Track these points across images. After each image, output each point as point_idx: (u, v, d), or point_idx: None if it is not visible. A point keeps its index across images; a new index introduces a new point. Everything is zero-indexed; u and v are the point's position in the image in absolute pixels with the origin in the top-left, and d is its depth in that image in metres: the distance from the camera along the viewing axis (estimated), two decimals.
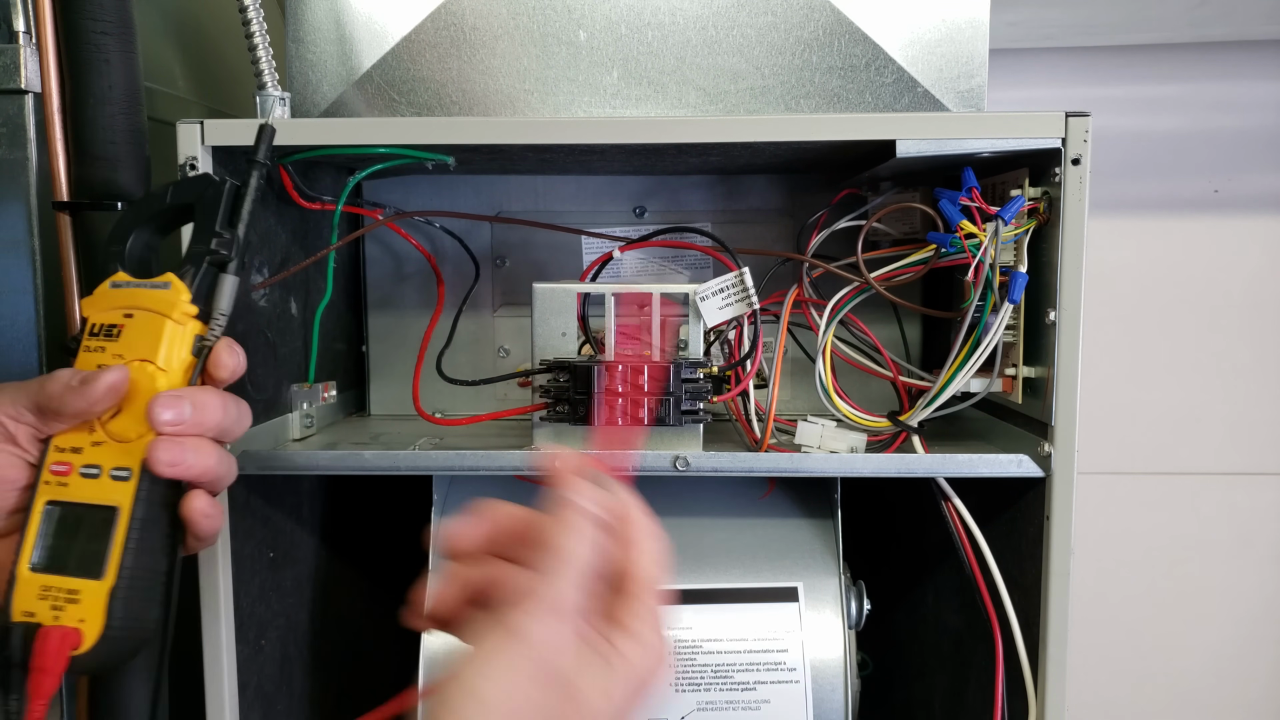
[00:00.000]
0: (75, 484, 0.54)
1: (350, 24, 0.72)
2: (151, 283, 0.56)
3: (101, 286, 0.56)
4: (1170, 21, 1.06)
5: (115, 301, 0.56)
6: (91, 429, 0.54)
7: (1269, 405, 1.20)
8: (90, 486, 0.54)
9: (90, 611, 0.51)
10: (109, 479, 0.53)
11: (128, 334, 0.55)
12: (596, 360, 0.67)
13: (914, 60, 0.71)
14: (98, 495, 0.53)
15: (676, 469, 0.67)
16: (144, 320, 0.55)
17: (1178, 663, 1.24)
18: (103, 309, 0.56)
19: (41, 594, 0.52)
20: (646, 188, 0.88)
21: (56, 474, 0.54)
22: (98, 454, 0.54)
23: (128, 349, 0.55)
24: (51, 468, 0.54)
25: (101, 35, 0.64)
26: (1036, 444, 0.66)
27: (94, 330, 0.55)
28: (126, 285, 0.56)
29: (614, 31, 0.70)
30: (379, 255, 0.89)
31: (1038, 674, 0.67)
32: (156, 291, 0.55)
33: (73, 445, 0.54)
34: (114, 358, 0.54)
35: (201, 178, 0.58)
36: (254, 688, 0.70)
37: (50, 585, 0.52)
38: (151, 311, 0.55)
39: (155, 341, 0.55)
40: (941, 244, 0.65)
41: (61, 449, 0.54)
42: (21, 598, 0.52)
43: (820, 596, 0.74)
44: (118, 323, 0.55)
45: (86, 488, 0.54)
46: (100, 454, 0.54)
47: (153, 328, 0.55)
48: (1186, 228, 1.18)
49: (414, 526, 0.79)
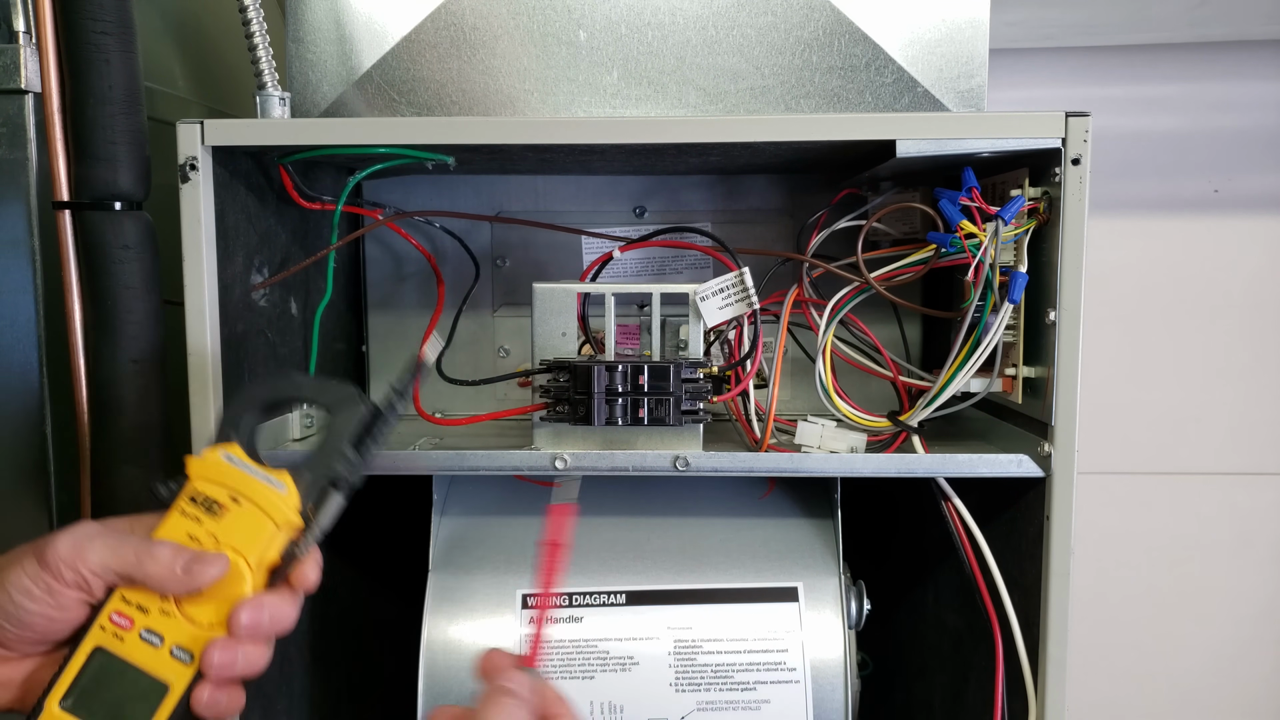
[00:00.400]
0: (131, 643, 0.53)
1: (350, 24, 0.72)
2: (266, 475, 0.54)
3: (214, 453, 0.55)
4: (1170, 21, 1.06)
5: (225, 478, 0.54)
6: (164, 596, 0.53)
7: (1269, 405, 1.20)
8: (146, 653, 0.53)
9: None
10: (169, 655, 0.53)
11: (230, 520, 0.54)
12: (596, 360, 0.67)
13: (914, 60, 0.71)
14: (152, 665, 0.53)
15: (676, 469, 0.67)
16: (250, 514, 0.54)
17: (1178, 663, 1.24)
18: (210, 480, 0.54)
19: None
20: (646, 188, 0.88)
21: (116, 624, 0.53)
22: (164, 624, 0.53)
23: (225, 534, 0.54)
24: (112, 616, 0.53)
25: (101, 35, 0.64)
26: (1036, 444, 0.66)
27: (195, 498, 0.54)
28: (240, 465, 0.55)
29: (614, 31, 0.70)
30: (379, 255, 0.89)
31: (1038, 674, 0.67)
32: (270, 489, 0.54)
33: (140, 603, 0.53)
34: (209, 536, 0.53)
35: (347, 390, 0.57)
36: (254, 687, 0.70)
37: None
38: (259, 509, 0.54)
39: (255, 541, 0.54)
40: (941, 244, 0.65)
41: (128, 602, 0.53)
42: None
43: (820, 596, 0.74)
44: (223, 502, 0.54)
45: (142, 652, 0.53)
46: (167, 626, 0.53)
47: (256, 526, 0.54)
48: (1186, 228, 1.18)
49: (414, 526, 0.79)
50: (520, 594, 0.73)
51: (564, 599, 0.73)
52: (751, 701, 0.71)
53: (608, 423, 0.67)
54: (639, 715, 0.71)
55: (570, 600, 0.73)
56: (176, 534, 0.54)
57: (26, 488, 0.68)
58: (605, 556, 0.75)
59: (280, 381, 0.60)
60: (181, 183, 0.63)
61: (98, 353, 0.66)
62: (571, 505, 0.55)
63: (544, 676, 0.55)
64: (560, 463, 0.67)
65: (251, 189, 0.70)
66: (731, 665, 0.72)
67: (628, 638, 0.72)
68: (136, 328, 0.66)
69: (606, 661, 0.72)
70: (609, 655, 0.72)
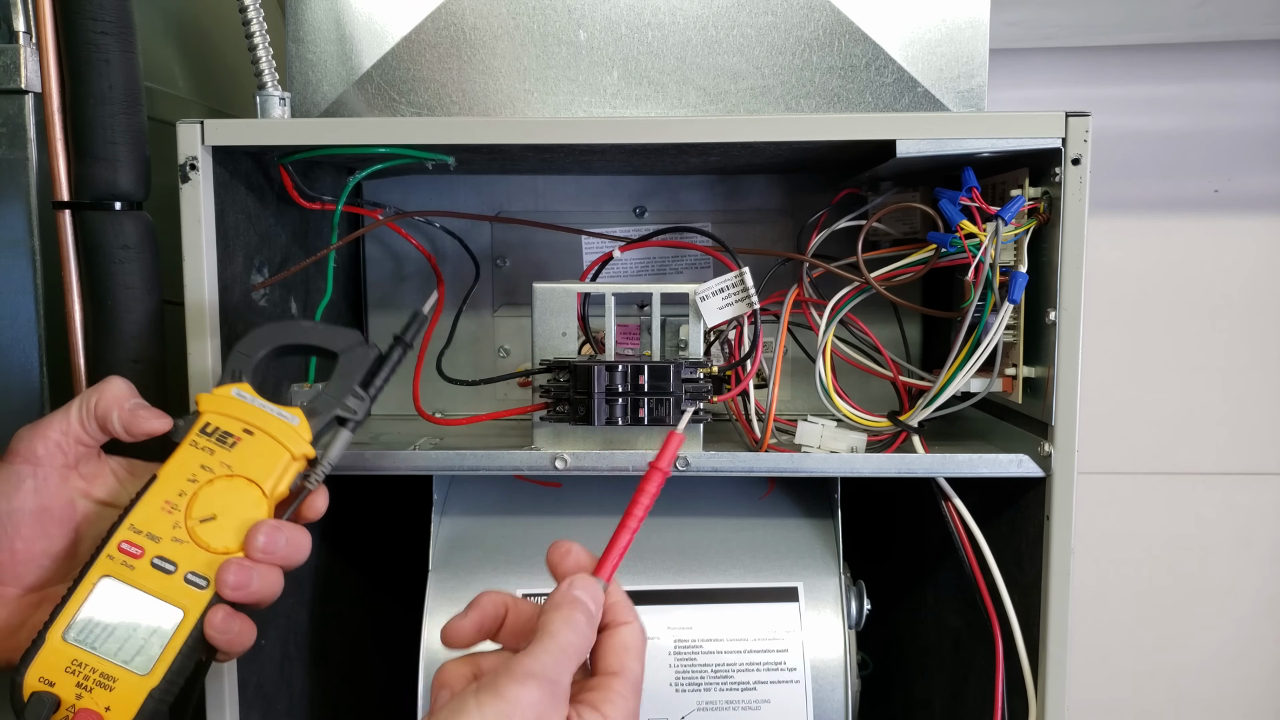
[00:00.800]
0: (143, 571, 0.53)
1: (350, 24, 0.72)
2: (279, 410, 0.56)
3: (224, 389, 0.56)
4: (1170, 21, 1.06)
5: (237, 412, 0.56)
6: (176, 524, 0.54)
7: (1269, 405, 1.20)
8: (159, 580, 0.53)
9: (123, 703, 0.51)
10: (183, 581, 0.53)
11: (243, 450, 0.55)
12: (596, 360, 0.67)
13: (914, 60, 0.71)
14: (165, 593, 0.53)
15: (676, 469, 0.67)
16: (263, 443, 0.56)
17: (1178, 663, 1.24)
18: (222, 413, 0.56)
19: (70, 668, 0.51)
20: (646, 188, 0.88)
21: (125, 553, 0.53)
22: (177, 551, 0.53)
23: (238, 464, 0.55)
24: (120, 545, 0.53)
25: (101, 35, 0.64)
26: (1036, 444, 0.66)
27: (207, 429, 0.55)
28: (251, 400, 0.56)
29: (614, 31, 0.70)
30: (379, 255, 0.89)
31: (1038, 674, 0.67)
32: (282, 422, 0.56)
33: (151, 531, 0.53)
34: (221, 465, 0.55)
35: (354, 335, 0.59)
36: (254, 687, 0.70)
37: (83, 663, 0.51)
38: (273, 439, 0.56)
39: (269, 469, 0.55)
40: (941, 244, 0.65)
41: (138, 530, 0.53)
42: (45, 664, 0.51)
43: (820, 596, 0.74)
44: (235, 434, 0.55)
45: (154, 580, 0.53)
46: (180, 552, 0.53)
47: (270, 455, 0.55)
48: (1186, 228, 1.18)
49: (414, 526, 0.79)
50: (520, 594, 0.73)
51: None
52: (751, 701, 0.71)
53: (608, 423, 0.67)
54: (639, 715, 0.71)
55: None
56: (188, 466, 0.55)
57: None
58: None
59: (288, 326, 0.61)
60: (181, 183, 0.63)
61: (98, 353, 0.66)
62: (680, 436, 0.55)
63: (617, 586, 0.53)
64: (560, 463, 0.67)
65: (251, 189, 0.70)
66: (731, 665, 0.72)
67: None
68: (136, 328, 0.66)
69: None
70: None
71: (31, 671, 0.51)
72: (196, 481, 0.55)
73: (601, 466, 0.67)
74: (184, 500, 0.54)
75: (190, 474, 0.55)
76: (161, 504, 0.54)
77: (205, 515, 0.54)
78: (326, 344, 0.59)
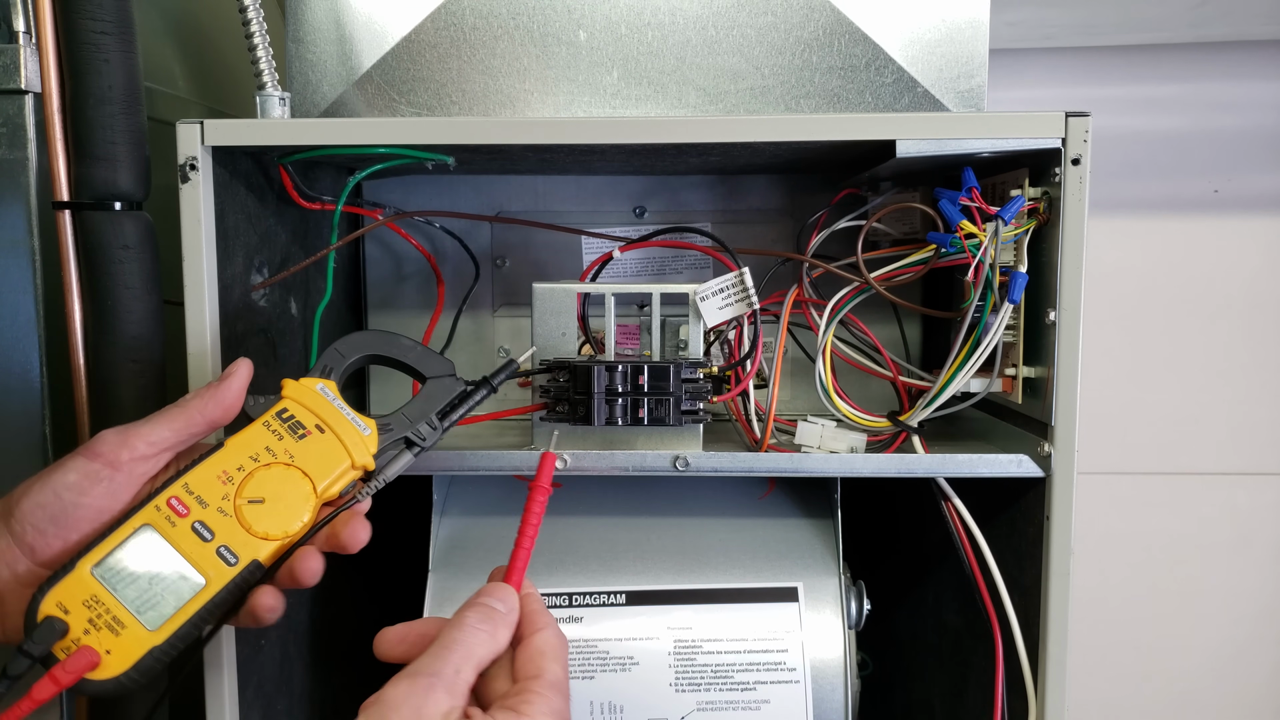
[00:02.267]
0: (182, 531, 0.54)
1: (350, 24, 0.72)
2: (354, 415, 0.58)
3: (311, 382, 0.58)
4: (1170, 21, 1.06)
5: (316, 406, 0.57)
6: (226, 496, 0.54)
7: (1269, 405, 1.20)
8: (194, 545, 0.54)
9: (123, 651, 0.51)
10: (215, 553, 0.54)
11: (310, 444, 0.56)
12: (596, 360, 0.67)
13: (914, 60, 0.71)
14: (196, 558, 0.53)
15: (676, 469, 0.67)
16: (329, 444, 0.57)
17: (1178, 663, 1.24)
18: (301, 404, 0.57)
19: (88, 601, 0.51)
20: (646, 188, 0.88)
21: (171, 508, 0.54)
22: (219, 522, 0.54)
23: (301, 456, 0.56)
24: (170, 500, 0.54)
25: (101, 35, 0.64)
26: (1036, 444, 0.66)
27: (283, 415, 0.57)
28: (332, 399, 0.58)
29: (614, 31, 0.70)
30: (379, 255, 0.89)
31: (1038, 674, 0.67)
32: (354, 428, 0.57)
33: (202, 495, 0.54)
34: (284, 453, 0.56)
35: (448, 365, 0.61)
36: (254, 687, 0.70)
37: (101, 600, 0.52)
38: (340, 442, 0.57)
39: (327, 469, 0.56)
40: (941, 244, 0.65)
41: (190, 491, 0.54)
42: (66, 591, 0.51)
43: (820, 596, 0.74)
44: (308, 427, 0.57)
45: (190, 543, 0.54)
46: (221, 524, 0.54)
47: (333, 456, 0.57)
48: (1186, 228, 1.18)
49: (414, 526, 0.79)
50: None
51: (563, 599, 0.73)
52: (751, 701, 0.71)
53: (608, 423, 0.66)
54: (639, 715, 0.71)
55: (570, 600, 0.73)
56: (254, 444, 0.56)
57: None
58: (605, 556, 0.75)
59: (390, 339, 0.62)
60: (181, 183, 0.63)
61: (98, 353, 0.66)
62: (553, 454, 0.60)
63: (532, 592, 0.57)
64: (560, 463, 0.67)
65: (251, 189, 0.70)
66: (731, 665, 0.72)
67: (628, 638, 0.72)
68: (136, 328, 0.66)
69: (606, 661, 0.72)
70: (609, 655, 0.72)
71: (52, 595, 0.51)
72: (257, 461, 0.56)
73: (601, 466, 0.67)
74: (240, 475, 0.55)
75: (254, 452, 0.56)
76: (219, 473, 0.55)
77: (255, 496, 0.55)
78: (419, 366, 0.61)
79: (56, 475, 0.53)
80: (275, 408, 0.57)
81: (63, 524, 0.52)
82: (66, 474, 0.53)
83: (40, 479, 0.53)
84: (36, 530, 0.52)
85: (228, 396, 0.56)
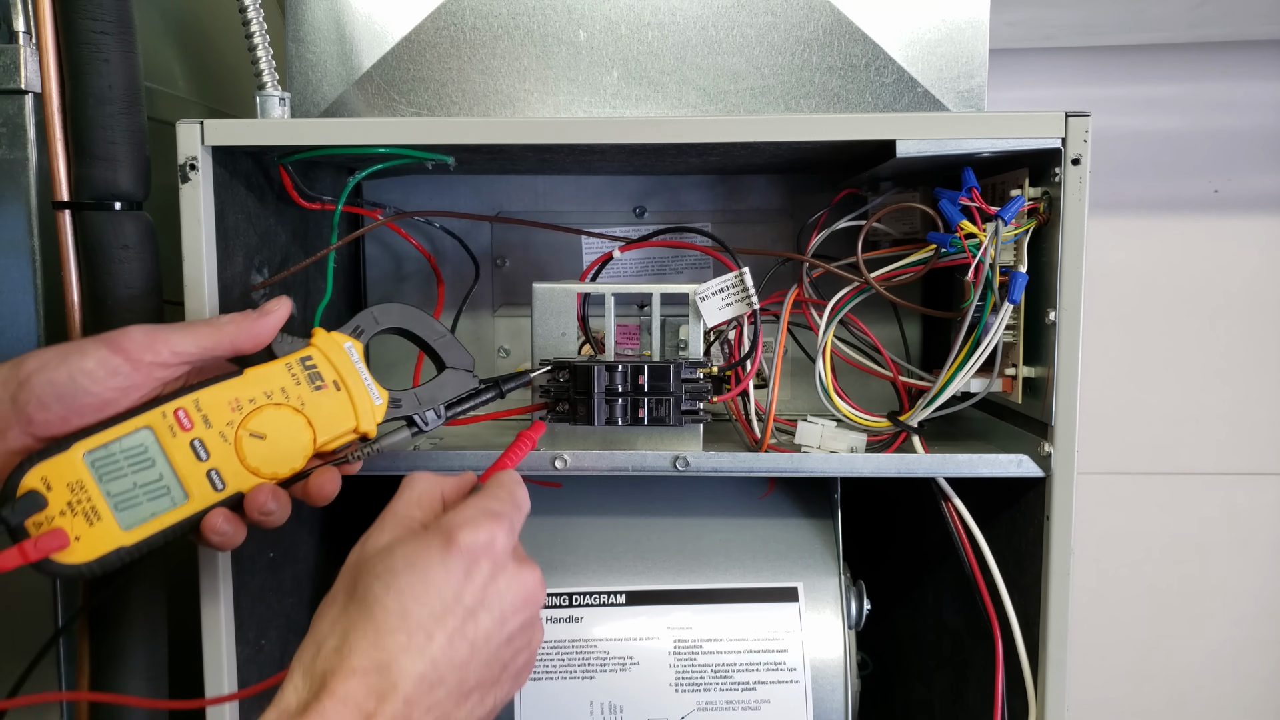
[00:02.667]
0: (180, 443, 0.54)
1: (350, 24, 0.72)
2: (371, 382, 0.59)
3: (341, 337, 0.59)
4: (1170, 21, 1.06)
5: (339, 362, 0.58)
6: (230, 423, 0.55)
7: (1269, 405, 1.20)
8: (188, 461, 0.54)
9: (92, 541, 0.52)
10: (205, 475, 0.55)
11: (323, 397, 0.58)
12: (596, 360, 0.67)
13: (914, 60, 0.71)
14: (186, 474, 0.54)
15: (676, 469, 0.67)
16: (340, 402, 0.58)
17: (1177, 663, 1.24)
18: (326, 357, 0.58)
19: (72, 485, 0.52)
20: (646, 188, 0.88)
21: (176, 419, 0.54)
22: (217, 446, 0.55)
23: (311, 406, 0.57)
24: (177, 410, 0.54)
25: (101, 35, 0.64)
26: (1036, 444, 0.66)
27: (307, 362, 0.58)
28: (355, 361, 0.59)
29: (614, 31, 0.70)
30: (379, 255, 0.89)
31: (1038, 674, 0.67)
32: (367, 394, 0.59)
33: (208, 415, 0.55)
34: (297, 399, 0.57)
35: (468, 360, 0.62)
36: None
37: (84, 487, 0.52)
38: (351, 403, 0.58)
39: (332, 426, 0.58)
40: (941, 244, 0.65)
41: (199, 407, 0.55)
42: (54, 469, 0.52)
43: (820, 596, 0.74)
44: (325, 381, 0.58)
45: (184, 457, 0.54)
46: (219, 448, 0.55)
47: (340, 414, 0.58)
48: (1186, 228, 1.18)
49: None
50: None
51: (563, 599, 0.73)
52: (751, 701, 0.71)
53: (608, 423, 0.66)
54: (639, 715, 0.71)
55: (570, 600, 0.73)
56: (271, 381, 0.57)
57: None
58: (605, 556, 0.75)
59: (424, 319, 0.63)
60: (181, 183, 0.63)
61: None
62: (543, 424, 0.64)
63: None
64: (560, 463, 0.67)
65: (251, 189, 0.70)
66: (731, 665, 0.72)
67: (628, 638, 0.72)
68: None
69: (606, 661, 0.72)
70: (609, 655, 0.72)
71: (39, 470, 0.52)
72: (270, 399, 0.56)
73: (601, 466, 0.67)
74: (250, 407, 0.56)
75: (269, 389, 0.56)
76: (231, 399, 0.56)
77: (258, 431, 0.56)
78: (442, 353, 0.62)
79: (74, 357, 0.52)
80: (301, 352, 0.58)
81: (68, 405, 0.52)
82: (85, 359, 0.52)
83: (57, 354, 0.52)
84: (40, 404, 0.52)
85: (262, 330, 0.56)
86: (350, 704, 0.44)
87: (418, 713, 0.46)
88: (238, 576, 0.67)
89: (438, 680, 0.47)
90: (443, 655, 0.47)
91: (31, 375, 0.52)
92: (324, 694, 0.44)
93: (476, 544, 0.49)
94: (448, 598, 0.48)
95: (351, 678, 0.45)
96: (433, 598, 0.47)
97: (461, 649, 0.48)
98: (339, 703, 0.44)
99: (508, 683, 0.51)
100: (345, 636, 0.46)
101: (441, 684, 0.47)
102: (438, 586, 0.48)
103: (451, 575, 0.48)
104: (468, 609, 0.48)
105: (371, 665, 0.45)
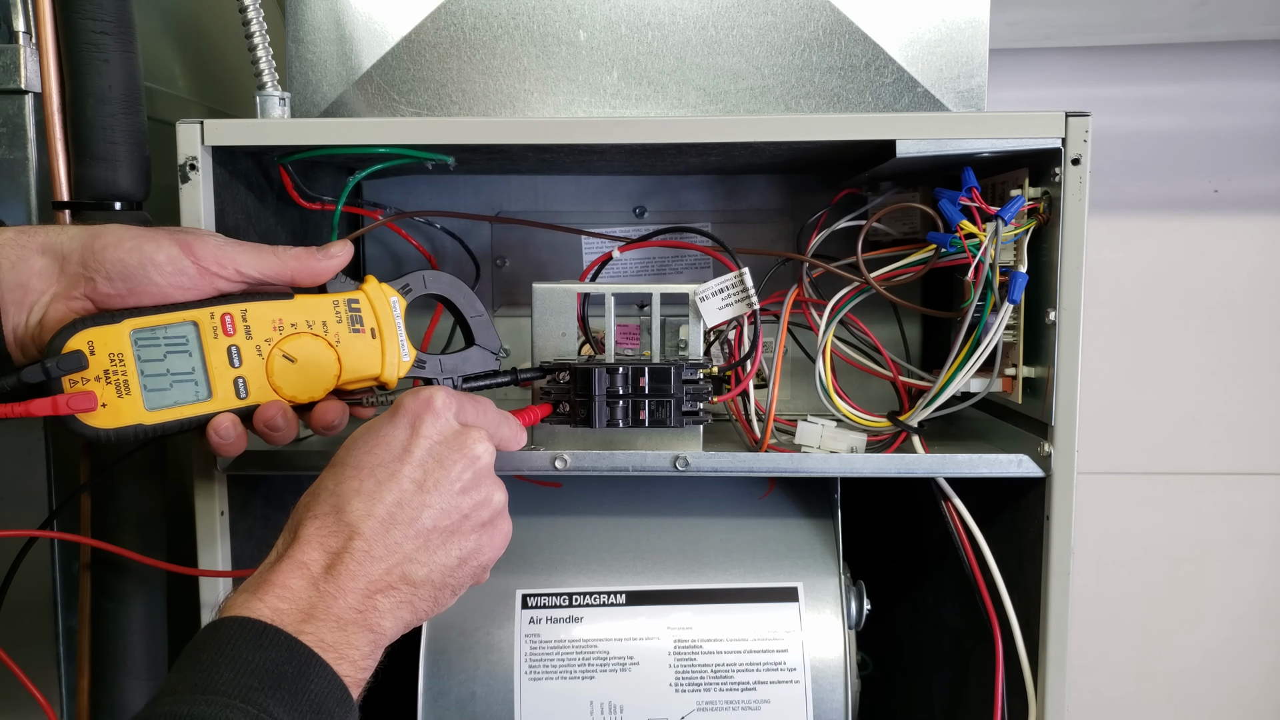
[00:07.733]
0: (218, 345, 0.57)
1: (350, 24, 0.72)
2: (404, 339, 0.62)
3: (390, 291, 0.62)
4: (1170, 21, 1.06)
5: (382, 313, 0.61)
6: (269, 339, 0.58)
7: (1269, 405, 1.20)
8: (221, 363, 0.57)
9: (117, 412, 0.55)
10: (232, 381, 0.57)
11: (358, 341, 0.60)
12: (597, 362, 0.67)
13: (914, 60, 0.71)
14: (216, 375, 0.57)
15: (676, 469, 0.67)
16: (372, 350, 0.61)
17: (1177, 662, 1.24)
18: (372, 305, 0.61)
19: (113, 355, 0.54)
20: (646, 188, 0.88)
21: (221, 321, 0.57)
22: (251, 358, 0.58)
23: (345, 346, 0.60)
24: (224, 314, 0.57)
25: (101, 35, 0.64)
26: (1036, 444, 0.66)
27: (353, 305, 0.61)
28: (396, 315, 0.62)
29: (614, 31, 0.70)
30: (379, 255, 0.89)
31: (1038, 674, 0.67)
32: (399, 350, 0.62)
33: (251, 326, 0.58)
34: (334, 335, 0.60)
35: (497, 342, 0.65)
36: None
37: (123, 359, 0.55)
38: (382, 355, 0.61)
39: (359, 368, 0.60)
40: (941, 244, 0.65)
41: (245, 318, 0.57)
42: (102, 336, 0.54)
43: (820, 596, 0.74)
44: (364, 327, 0.61)
45: (219, 359, 0.57)
46: (252, 361, 0.58)
47: (369, 360, 0.61)
48: (1186, 228, 1.18)
49: None
50: (520, 594, 0.73)
51: (563, 599, 0.73)
52: (751, 701, 0.71)
53: (609, 425, 0.66)
54: (639, 715, 0.71)
55: (570, 600, 0.73)
56: (317, 313, 0.59)
57: (26, 488, 0.68)
58: (605, 556, 0.75)
59: (468, 294, 0.65)
60: (181, 183, 0.63)
61: None
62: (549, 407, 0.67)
63: None
64: (560, 463, 0.67)
65: (251, 189, 0.70)
66: (731, 665, 0.72)
67: (628, 638, 0.72)
68: None
69: (606, 661, 0.72)
70: (609, 655, 0.72)
71: (88, 333, 0.54)
72: (310, 328, 0.59)
73: (601, 467, 0.67)
74: (290, 331, 0.59)
75: (312, 319, 0.59)
76: (276, 319, 0.58)
77: (291, 354, 0.59)
78: (475, 330, 0.65)
79: (149, 246, 0.55)
80: (350, 294, 0.60)
81: (130, 287, 0.55)
82: (157, 252, 0.55)
83: (133, 236, 0.55)
84: (106, 278, 0.54)
85: (321, 270, 0.59)
86: (314, 544, 0.51)
87: (379, 549, 0.51)
88: (236, 565, 0.67)
89: (390, 521, 0.52)
90: (392, 497, 0.52)
91: (106, 249, 0.55)
92: (294, 541, 0.51)
93: (417, 402, 0.55)
94: (395, 447, 0.54)
95: (314, 521, 0.52)
96: (381, 449, 0.54)
97: (409, 491, 0.53)
98: (305, 544, 0.51)
99: (471, 533, 0.55)
100: (315, 493, 0.53)
101: (394, 524, 0.52)
102: (385, 440, 0.54)
103: (398, 429, 0.54)
104: (412, 455, 0.54)
105: (330, 509, 0.52)
